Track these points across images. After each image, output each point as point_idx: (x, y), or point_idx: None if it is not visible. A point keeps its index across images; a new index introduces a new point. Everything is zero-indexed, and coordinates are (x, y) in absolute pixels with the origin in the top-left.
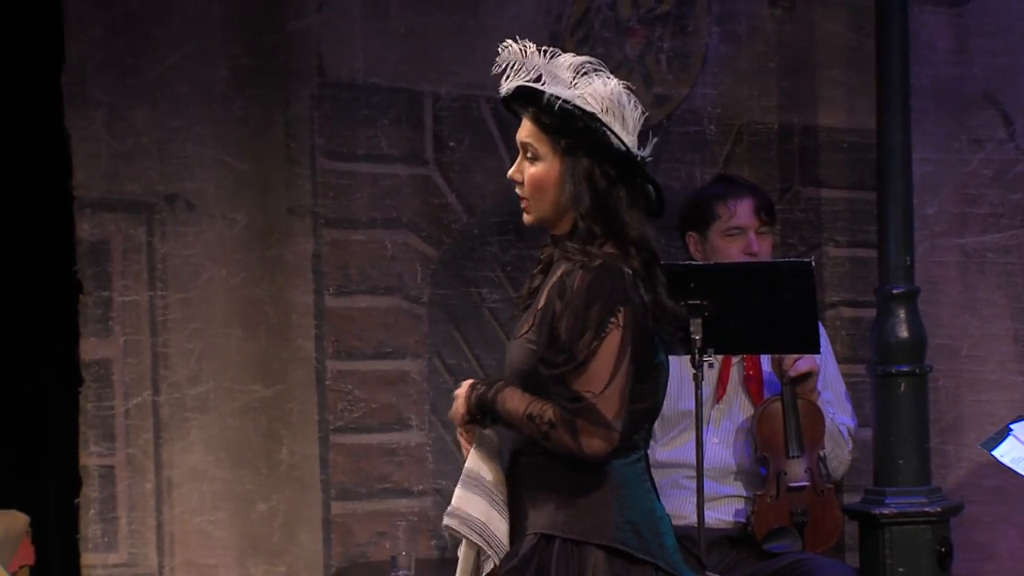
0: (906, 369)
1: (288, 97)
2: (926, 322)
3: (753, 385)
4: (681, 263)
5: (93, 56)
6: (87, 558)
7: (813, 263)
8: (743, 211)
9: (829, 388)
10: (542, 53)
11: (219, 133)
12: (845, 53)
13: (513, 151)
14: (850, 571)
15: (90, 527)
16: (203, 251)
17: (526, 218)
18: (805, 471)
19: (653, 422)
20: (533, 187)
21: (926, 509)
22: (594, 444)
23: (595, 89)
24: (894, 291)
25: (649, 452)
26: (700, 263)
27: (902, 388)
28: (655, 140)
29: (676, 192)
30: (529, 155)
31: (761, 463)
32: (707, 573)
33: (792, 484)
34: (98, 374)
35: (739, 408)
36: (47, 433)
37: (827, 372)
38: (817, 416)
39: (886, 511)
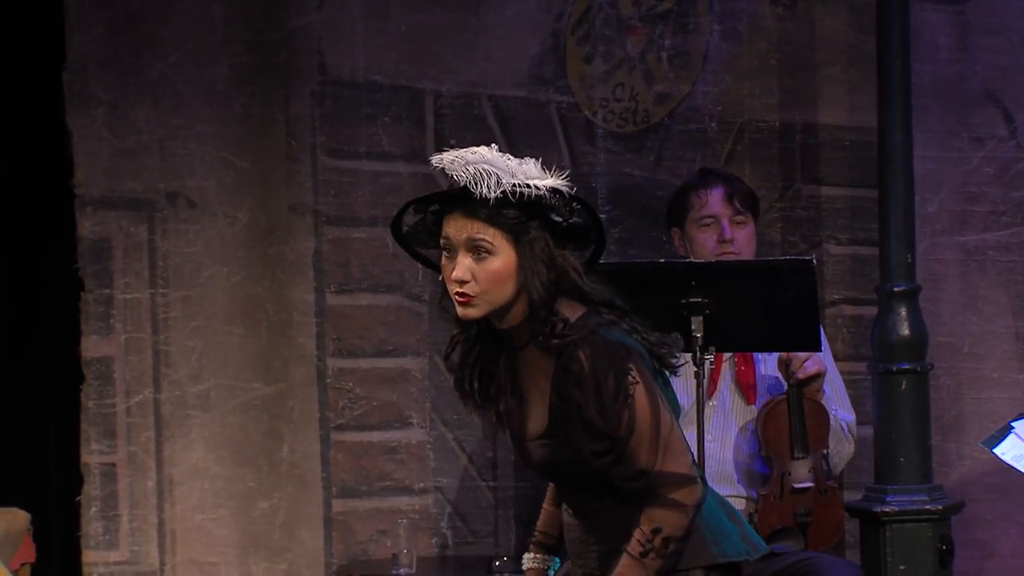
0: (907, 367)
1: (289, 95)
2: (927, 320)
3: (745, 382)
4: (683, 260)
5: (94, 54)
6: (88, 556)
7: (814, 261)
8: (714, 199)
9: (829, 384)
10: (467, 152)
11: (220, 131)
12: (846, 51)
13: (515, 148)
14: (856, 569)
15: (91, 525)
16: (204, 249)
17: (472, 312)
18: (809, 471)
19: None
20: (492, 282)
21: (927, 507)
22: (691, 498)
23: (527, 169)
24: (895, 289)
25: None
26: (702, 261)
27: (903, 386)
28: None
29: None
30: (481, 253)
31: (764, 463)
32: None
33: (796, 485)
34: (99, 372)
35: (732, 406)
36: (48, 431)
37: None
38: (823, 417)
39: (887, 509)
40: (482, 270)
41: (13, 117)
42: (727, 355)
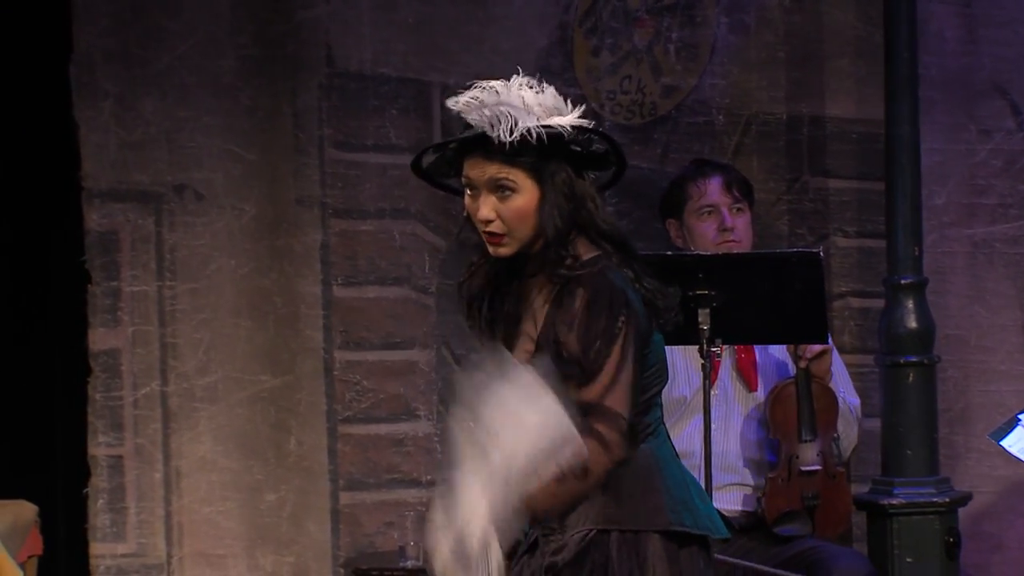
0: (914, 359)
1: (296, 87)
2: (934, 312)
3: (746, 369)
4: (689, 252)
5: (101, 46)
6: (95, 548)
7: (822, 253)
8: (713, 188)
9: (833, 369)
10: (483, 92)
11: (227, 123)
12: (853, 43)
13: None
14: (863, 560)
15: (99, 517)
16: (211, 241)
17: (503, 251)
18: (817, 455)
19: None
20: (518, 219)
21: (934, 499)
22: (615, 441)
23: (543, 100)
24: (902, 281)
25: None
26: (709, 253)
27: (910, 378)
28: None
29: None
30: (505, 192)
31: (771, 447)
32: (718, 557)
33: (804, 468)
34: (106, 364)
35: (734, 394)
36: (55, 423)
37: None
38: (831, 399)
39: (894, 501)
40: (507, 208)
41: (20, 109)
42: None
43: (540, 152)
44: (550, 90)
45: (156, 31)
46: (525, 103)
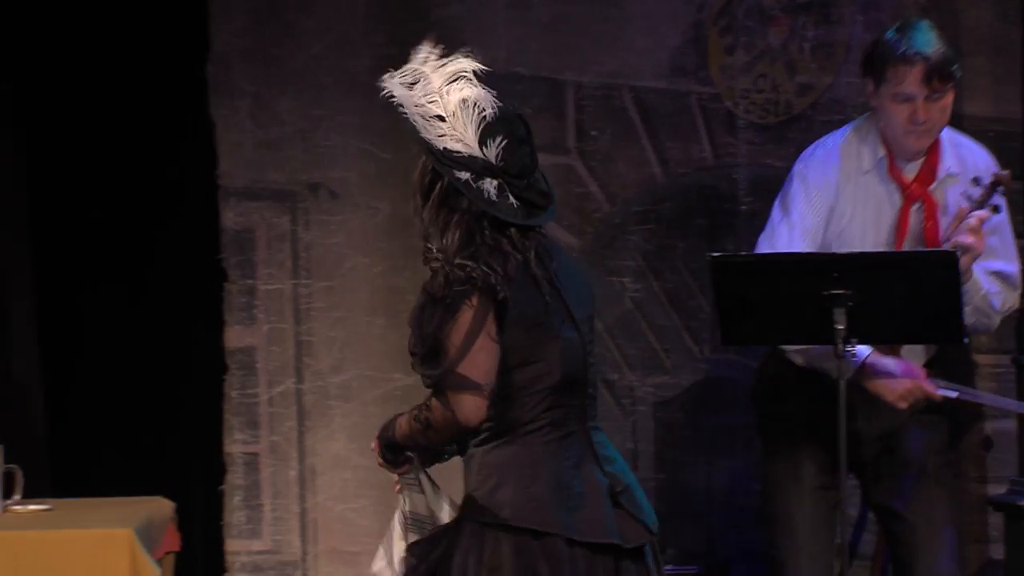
0: None
1: None
2: None
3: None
4: (825, 253)
5: (238, 46)
6: (231, 544)
7: (959, 252)
8: (912, 80)
9: (996, 234)
10: (411, 74)
11: (362, 122)
12: (991, 41)
13: (656, 141)
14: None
15: (234, 514)
16: (346, 240)
17: None
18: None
19: (576, 396)
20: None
21: None
22: (463, 404)
23: (463, 90)
24: None
25: None
26: (843, 253)
27: None
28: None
29: None
30: None
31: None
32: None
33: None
34: (242, 362)
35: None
36: (192, 420)
37: (997, 220)
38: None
39: None
40: None
41: (158, 109)
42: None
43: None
44: (476, 86)
45: (292, 30)
46: (419, 119)
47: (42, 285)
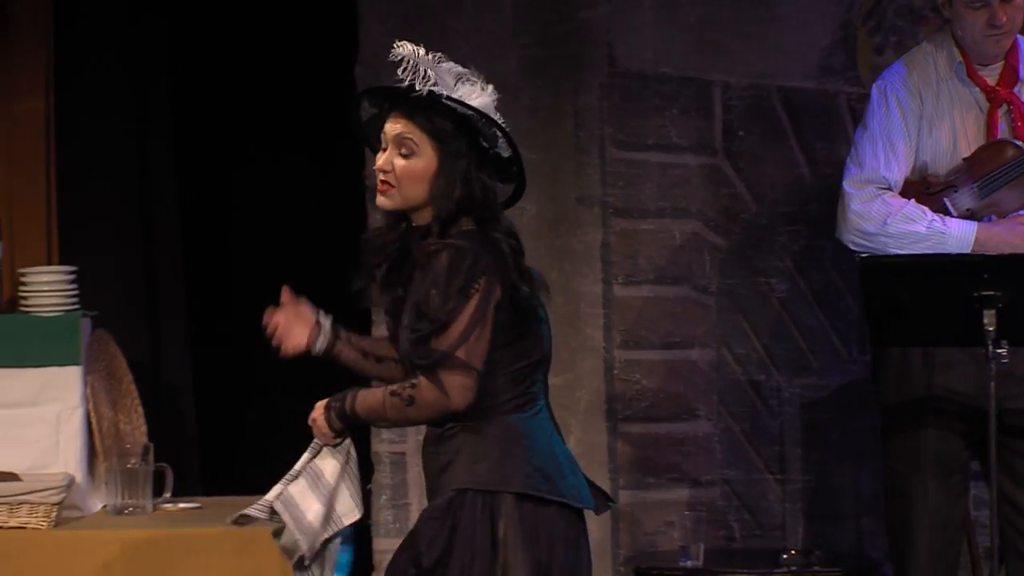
0: None
1: (578, 87)
2: None
3: None
4: (976, 254)
5: (387, 47)
6: (379, 543)
7: None
8: None
9: None
10: (432, 57)
11: (509, 123)
12: None
13: (804, 142)
14: None
15: (382, 513)
16: None
17: (385, 201)
18: None
19: (546, 373)
20: (408, 179)
21: None
22: (457, 387)
23: (476, 95)
24: None
25: None
26: (994, 254)
27: None
28: None
29: None
30: (404, 150)
31: None
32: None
33: None
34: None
35: None
36: None
37: None
38: None
39: None
40: (402, 166)
41: (307, 110)
42: None
43: (451, 128)
44: (483, 88)
45: (441, 31)
46: (449, 81)
47: (191, 285)
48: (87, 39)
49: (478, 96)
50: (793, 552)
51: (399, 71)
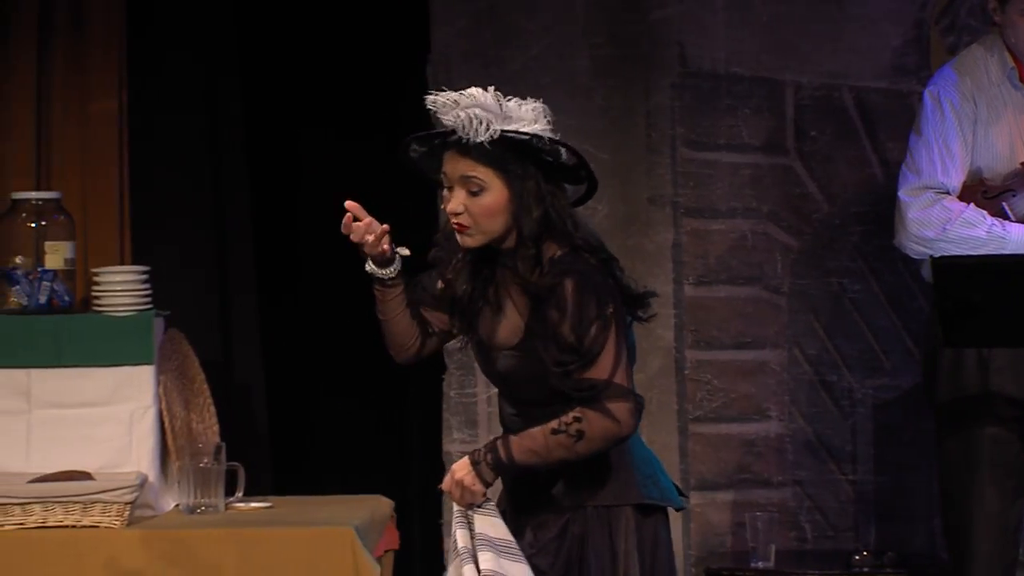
0: None
1: (649, 87)
2: None
3: None
4: None
5: (458, 46)
6: (450, 543)
7: None
8: None
9: None
10: (468, 97)
11: (581, 123)
12: None
13: (876, 142)
14: None
15: (452, 512)
16: None
17: (469, 241)
18: None
19: None
20: (484, 216)
21: None
22: (626, 415)
23: (522, 112)
24: None
25: None
26: None
27: None
28: None
29: None
30: (472, 188)
31: None
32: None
33: None
34: (461, 362)
35: None
36: (411, 420)
37: None
38: None
39: None
40: (474, 204)
41: (379, 109)
42: None
43: (511, 156)
44: (532, 104)
45: (512, 31)
46: (503, 109)
47: (263, 284)
48: (159, 37)
49: (526, 111)
50: (865, 553)
51: (444, 118)
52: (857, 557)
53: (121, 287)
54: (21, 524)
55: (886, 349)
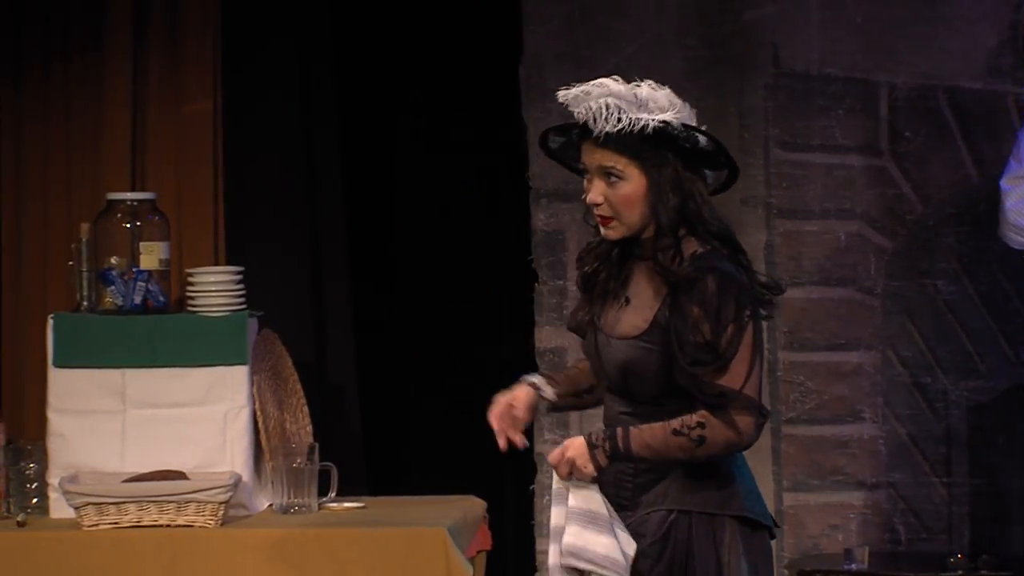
0: None
1: (743, 88)
2: None
3: None
4: None
5: (550, 48)
6: (542, 544)
7: None
8: None
9: None
10: (601, 87)
11: None
12: None
13: (971, 143)
14: None
15: (544, 513)
16: None
17: (611, 233)
18: None
19: None
20: (624, 206)
21: None
22: (750, 428)
23: (656, 97)
24: None
25: None
26: None
27: None
28: None
29: None
30: (611, 179)
31: None
32: None
33: None
34: (552, 362)
35: None
36: None
37: None
38: None
39: None
40: (614, 194)
41: (473, 110)
42: None
43: (648, 144)
44: (665, 90)
45: (604, 32)
46: (637, 97)
47: (356, 285)
48: (253, 36)
49: (660, 97)
50: (959, 556)
51: (575, 110)
52: (952, 560)
53: (215, 287)
54: (116, 523)
55: (981, 351)
